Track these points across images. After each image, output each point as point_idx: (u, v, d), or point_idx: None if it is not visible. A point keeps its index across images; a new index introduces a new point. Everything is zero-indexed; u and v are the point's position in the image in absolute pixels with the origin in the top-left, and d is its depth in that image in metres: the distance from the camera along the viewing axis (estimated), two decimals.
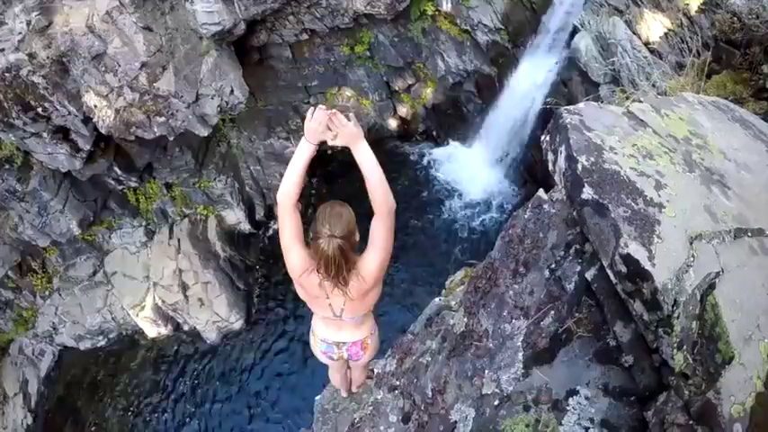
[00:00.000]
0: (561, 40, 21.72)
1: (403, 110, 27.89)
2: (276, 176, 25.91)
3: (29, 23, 16.91)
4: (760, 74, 7.20)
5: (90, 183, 21.75)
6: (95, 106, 17.77)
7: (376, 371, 6.69)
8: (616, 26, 19.23)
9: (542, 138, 4.35)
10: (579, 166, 3.62)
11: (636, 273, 3.14)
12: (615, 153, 3.70)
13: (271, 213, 26.53)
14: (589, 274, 3.69)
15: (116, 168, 21.19)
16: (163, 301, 22.56)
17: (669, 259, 3.11)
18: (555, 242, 4.05)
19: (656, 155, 3.73)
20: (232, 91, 22.16)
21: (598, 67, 20.33)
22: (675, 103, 4.26)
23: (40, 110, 17.76)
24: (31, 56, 17.21)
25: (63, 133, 18.94)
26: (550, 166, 4.14)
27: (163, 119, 20.47)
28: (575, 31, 20.83)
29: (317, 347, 6.01)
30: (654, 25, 17.58)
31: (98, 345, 23.82)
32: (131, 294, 22.93)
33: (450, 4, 24.31)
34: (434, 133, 28.56)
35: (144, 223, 23.49)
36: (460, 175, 27.31)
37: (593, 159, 3.64)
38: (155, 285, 22.65)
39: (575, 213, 3.74)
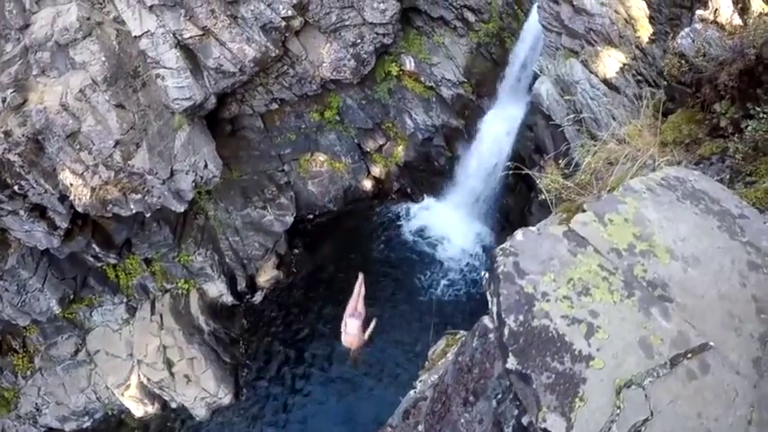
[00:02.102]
0: (523, 86, 22.47)
1: (376, 170, 28.35)
2: (255, 246, 25.94)
3: (4, 100, 17.15)
4: (713, 113, 7.35)
5: (69, 260, 21.57)
6: (71, 184, 17.82)
7: None
8: (573, 67, 19.93)
9: (483, 275, 4.34)
10: (506, 331, 3.57)
11: None
12: (548, 300, 3.63)
13: (252, 284, 26.38)
14: (525, 420, 3.68)
15: (94, 245, 21.08)
16: (148, 379, 22.03)
17: (591, 423, 3.13)
18: (501, 372, 3.96)
19: (592, 286, 3.66)
20: (206, 165, 22.44)
21: (560, 110, 20.96)
22: (622, 198, 4.20)
23: (16, 188, 17.81)
24: (7, 134, 17.36)
25: (40, 211, 18.91)
26: (491, 306, 3.97)
27: (139, 196, 20.55)
28: (535, 77, 21.53)
29: None
30: (609, 62, 18.28)
31: (84, 426, 23.11)
32: (115, 373, 22.37)
33: (413, 64, 25.21)
34: (409, 190, 28.97)
35: (125, 300, 23.20)
36: (438, 230, 27.57)
37: (521, 318, 3.59)
38: (139, 363, 22.17)
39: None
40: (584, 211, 4.20)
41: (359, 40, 23.01)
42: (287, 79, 24.01)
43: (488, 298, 4.02)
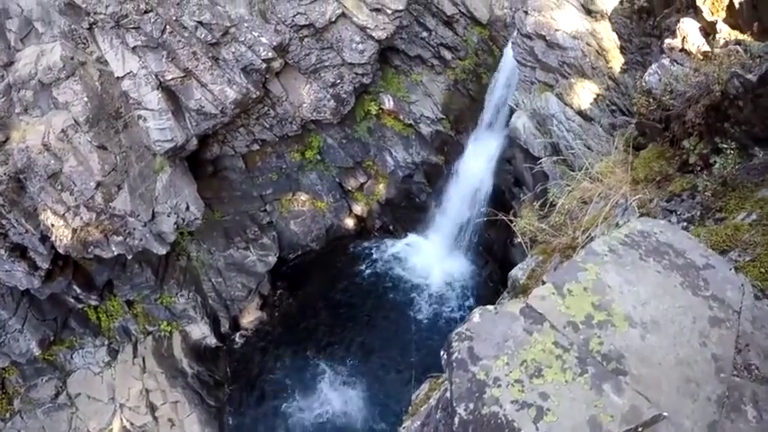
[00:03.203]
0: (500, 121, 22.92)
1: (358, 208, 28.51)
2: (238, 287, 25.79)
3: None
4: (682, 148, 7.48)
5: (49, 301, 21.24)
6: (52, 225, 17.71)
7: None
8: (548, 101, 20.41)
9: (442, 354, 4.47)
10: (456, 420, 3.64)
11: None
12: (499, 386, 3.68)
13: (236, 325, 26.12)
14: None
15: (75, 287, 20.81)
16: (131, 424, 21.51)
17: None
18: None
19: (545, 366, 3.71)
20: (188, 207, 22.42)
21: (538, 143, 21.34)
22: (583, 264, 4.23)
23: None
24: None
25: (20, 251, 18.70)
26: (447, 393, 4.04)
27: (120, 238, 20.43)
28: (512, 111, 22.00)
29: None
30: (583, 93, 18.77)
31: None
32: (97, 417, 21.78)
33: (391, 102, 25.67)
34: (391, 228, 29.12)
35: (106, 342, 22.77)
36: (422, 267, 27.65)
37: (471, 407, 3.65)
38: (121, 407, 21.66)
39: None
40: (543, 282, 4.22)
41: (338, 81, 23.39)
42: (268, 120, 24.24)
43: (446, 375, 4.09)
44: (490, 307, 4.19)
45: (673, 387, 3.55)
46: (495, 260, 25.04)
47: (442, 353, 4.24)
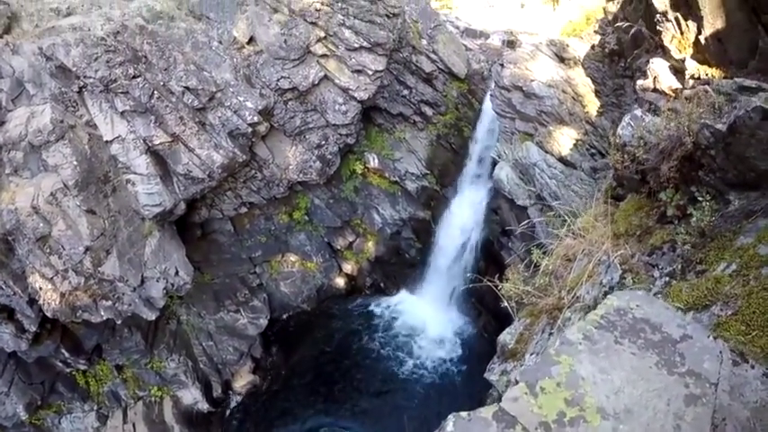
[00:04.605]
0: (485, 172, 23.39)
1: (348, 267, 28.54)
2: (230, 350, 25.43)
3: None
4: (660, 200, 7.59)
5: (37, 364, 20.75)
6: (41, 288, 17.58)
7: None
8: (529, 150, 20.92)
9: None
10: None
11: None
12: None
13: (228, 389, 25.58)
14: None
15: (63, 350, 20.44)
16: None
17: None
18: None
19: None
20: (177, 272, 22.35)
21: (522, 192, 21.72)
22: (556, 357, 4.29)
23: None
24: None
25: (8, 313, 18.43)
26: None
27: (109, 303, 20.25)
28: (495, 162, 22.48)
29: None
30: (563, 139, 19.28)
31: None
32: None
33: (376, 160, 26.16)
34: (382, 285, 29.09)
35: (95, 407, 22.12)
36: (415, 323, 27.47)
37: None
38: None
39: None
40: (516, 382, 4.24)
41: (323, 142, 23.84)
42: (255, 183, 24.52)
43: None
44: (464, 414, 4.16)
45: None
46: (488, 311, 24.98)
47: None
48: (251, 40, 21.68)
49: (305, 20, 21.68)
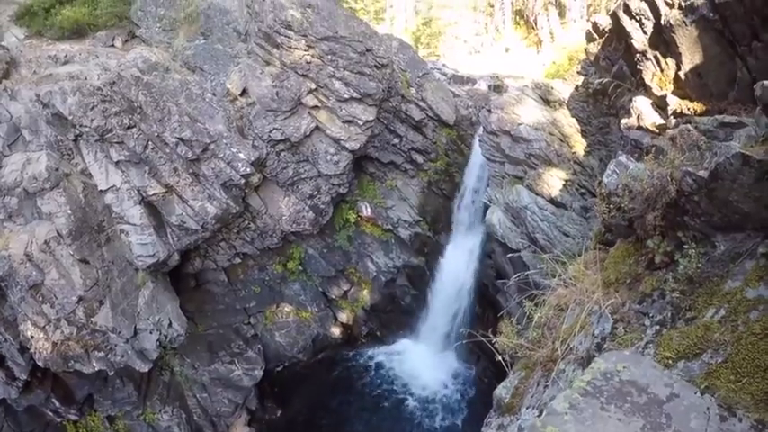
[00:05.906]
0: (477, 217, 23.57)
1: (343, 316, 28.37)
2: (224, 402, 24.99)
3: None
4: (648, 247, 7.69)
5: (26, 413, 20.30)
6: (32, 337, 17.45)
7: None
8: (520, 193, 21.16)
9: None
10: None
11: None
12: None
13: None
14: None
15: (54, 400, 20.07)
16: None
17: None
18: None
19: None
20: (170, 323, 22.23)
21: (514, 236, 21.85)
22: (542, 428, 4.28)
23: None
24: None
25: None
26: None
27: (101, 353, 20.06)
28: (487, 207, 22.70)
29: None
30: (552, 181, 19.56)
31: None
32: None
33: (369, 209, 26.38)
34: (378, 333, 28.87)
35: None
36: (412, 371, 27.17)
37: None
38: None
39: None
40: None
41: (316, 192, 24.07)
42: (248, 234, 24.63)
43: None
44: None
45: None
46: (486, 356, 24.76)
47: None
48: (243, 92, 22.17)
49: (296, 72, 22.23)
